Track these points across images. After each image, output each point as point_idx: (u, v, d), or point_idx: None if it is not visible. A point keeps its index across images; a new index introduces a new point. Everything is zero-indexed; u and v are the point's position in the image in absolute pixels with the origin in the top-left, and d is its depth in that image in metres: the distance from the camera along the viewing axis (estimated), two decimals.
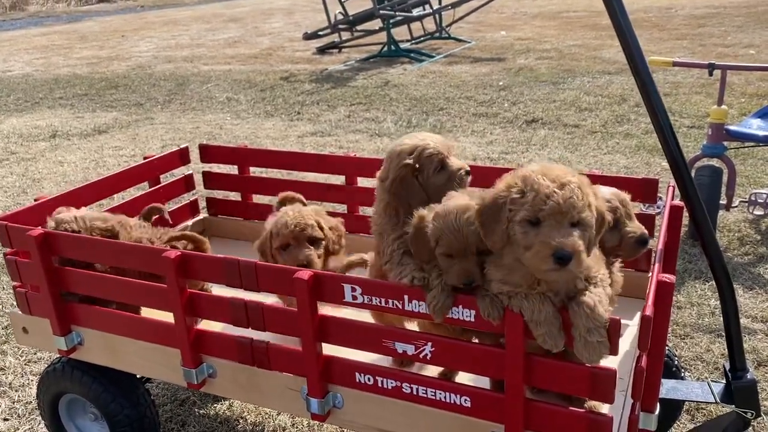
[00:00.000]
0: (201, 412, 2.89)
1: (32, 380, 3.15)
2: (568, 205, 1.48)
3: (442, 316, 1.67)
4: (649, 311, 1.55)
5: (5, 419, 2.92)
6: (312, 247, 2.25)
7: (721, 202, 4.11)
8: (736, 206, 4.26)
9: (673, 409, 2.50)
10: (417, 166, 1.89)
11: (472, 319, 1.65)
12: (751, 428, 2.61)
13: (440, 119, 7.17)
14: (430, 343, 1.74)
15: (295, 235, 2.24)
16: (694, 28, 11.68)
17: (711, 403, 2.07)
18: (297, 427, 2.76)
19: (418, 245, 1.74)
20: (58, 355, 2.47)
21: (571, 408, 1.65)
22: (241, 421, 2.82)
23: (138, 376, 2.49)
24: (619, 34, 1.83)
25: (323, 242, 2.30)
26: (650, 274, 1.77)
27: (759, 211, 4.18)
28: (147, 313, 2.30)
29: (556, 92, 7.97)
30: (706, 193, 3.93)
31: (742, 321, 3.30)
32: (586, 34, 11.85)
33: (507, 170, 2.68)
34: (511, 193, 1.53)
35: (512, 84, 8.52)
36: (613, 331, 1.52)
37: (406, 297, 1.72)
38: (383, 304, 1.76)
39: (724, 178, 4.14)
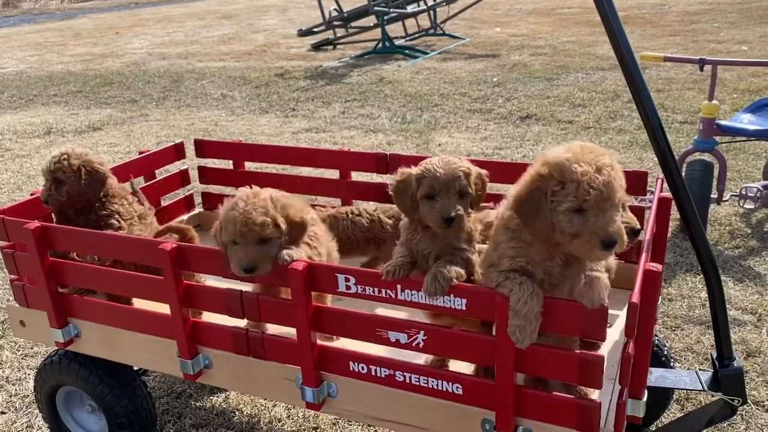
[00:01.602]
0: (197, 404, 2.92)
1: (29, 374, 3.18)
2: (609, 191, 1.52)
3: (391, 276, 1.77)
4: (635, 299, 1.58)
5: (2, 413, 2.94)
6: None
7: (712, 195, 4.15)
8: (726, 200, 4.30)
9: (662, 398, 2.54)
10: None
11: (464, 308, 1.68)
12: (739, 417, 2.66)
13: (435, 115, 7.20)
14: (422, 332, 1.77)
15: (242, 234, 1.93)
16: (687, 24, 11.73)
17: (699, 390, 2.11)
18: (292, 419, 2.79)
19: (400, 196, 1.83)
20: (55, 349, 2.50)
21: (560, 394, 1.68)
22: (237, 413, 2.85)
23: (135, 369, 2.52)
24: (608, 30, 1.86)
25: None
26: (638, 264, 1.80)
27: (749, 205, 4.23)
28: (144, 304, 2.32)
29: (550, 88, 8.01)
30: (698, 187, 3.97)
31: (733, 313, 3.34)
32: (580, 30, 11.90)
33: (501, 164, 2.72)
34: (547, 183, 1.54)
35: (506, 80, 8.55)
36: (601, 318, 1.55)
37: (399, 286, 1.75)
38: (376, 293, 1.78)
39: (716, 172, 4.18)
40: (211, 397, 2.95)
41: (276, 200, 1.95)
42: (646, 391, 1.81)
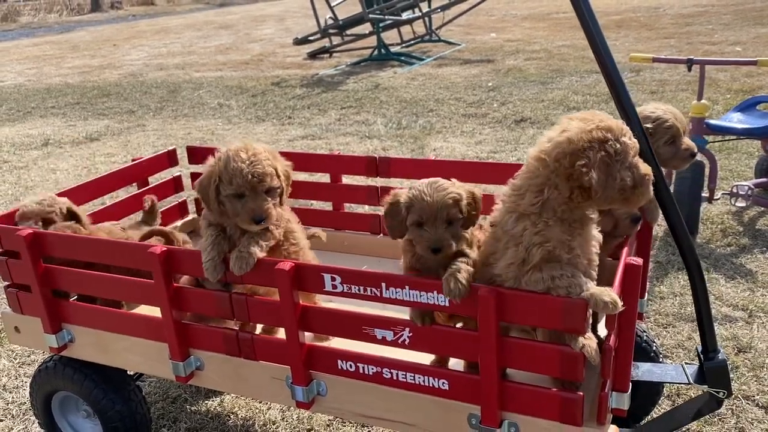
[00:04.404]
0: (192, 408, 2.94)
1: (26, 382, 3.19)
2: None
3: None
4: (615, 291, 1.61)
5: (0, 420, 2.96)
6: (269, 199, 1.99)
7: (703, 194, 4.18)
8: (718, 199, 4.33)
9: (652, 394, 2.56)
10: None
11: (447, 304, 1.71)
12: (730, 411, 2.68)
13: (430, 120, 7.24)
14: (407, 329, 1.79)
15: (252, 185, 1.94)
16: (682, 26, 11.79)
17: (684, 384, 2.13)
18: (287, 421, 2.81)
19: (391, 221, 1.81)
20: (49, 355, 2.52)
21: (543, 387, 1.70)
22: (231, 417, 2.87)
23: (129, 373, 2.54)
24: (586, 32, 1.89)
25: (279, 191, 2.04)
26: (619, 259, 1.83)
27: (741, 203, 4.25)
28: (137, 308, 2.35)
29: (545, 92, 8.05)
30: (689, 186, 4.00)
31: (725, 309, 3.37)
32: (574, 34, 11.95)
33: (496, 165, 2.76)
34: (608, 145, 1.59)
35: (501, 84, 8.60)
36: (581, 311, 1.57)
37: (383, 284, 1.77)
38: (362, 292, 1.81)
39: (707, 171, 4.21)
40: (206, 402, 2.97)
41: (269, 151, 2.01)
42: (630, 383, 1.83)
